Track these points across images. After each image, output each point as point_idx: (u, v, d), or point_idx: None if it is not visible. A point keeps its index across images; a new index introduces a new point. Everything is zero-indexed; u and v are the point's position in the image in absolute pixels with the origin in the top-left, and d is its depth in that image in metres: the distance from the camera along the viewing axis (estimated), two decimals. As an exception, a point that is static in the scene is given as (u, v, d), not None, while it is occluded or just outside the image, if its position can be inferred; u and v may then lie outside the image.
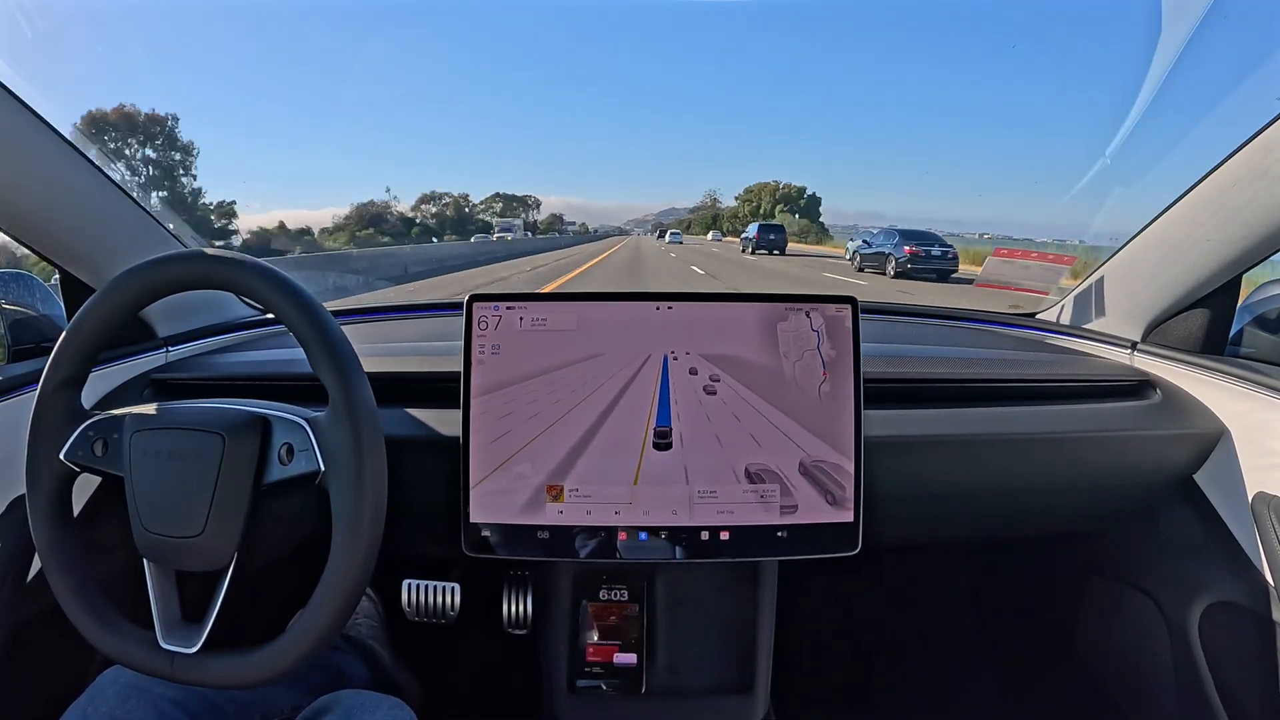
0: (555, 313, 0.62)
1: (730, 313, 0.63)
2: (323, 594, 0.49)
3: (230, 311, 0.97)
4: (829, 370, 0.63)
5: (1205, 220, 0.74)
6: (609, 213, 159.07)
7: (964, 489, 0.75)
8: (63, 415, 0.54)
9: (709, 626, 0.77)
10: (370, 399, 0.52)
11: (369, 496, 0.50)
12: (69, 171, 0.70)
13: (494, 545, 0.62)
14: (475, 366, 0.62)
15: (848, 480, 0.63)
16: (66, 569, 0.53)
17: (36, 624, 0.67)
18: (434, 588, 0.80)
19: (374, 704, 0.56)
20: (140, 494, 0.51)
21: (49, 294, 0.83)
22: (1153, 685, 0.86)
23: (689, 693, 0.76)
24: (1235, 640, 0.76)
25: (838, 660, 1.15)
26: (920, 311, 1.08)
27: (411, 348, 0.81)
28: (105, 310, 0.53)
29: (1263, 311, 0.86)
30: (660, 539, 0.62)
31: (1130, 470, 0.77)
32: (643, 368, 0.62)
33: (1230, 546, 0.74)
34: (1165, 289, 0.82)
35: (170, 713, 0.55)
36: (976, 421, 0.73)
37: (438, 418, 0.68)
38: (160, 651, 0.51)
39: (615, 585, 0.75)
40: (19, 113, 0.64)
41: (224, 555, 0.51)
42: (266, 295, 0.51)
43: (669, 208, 64.94)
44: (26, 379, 0.68)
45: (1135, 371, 0.84)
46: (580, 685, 0.73)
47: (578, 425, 0.62)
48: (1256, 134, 0.66)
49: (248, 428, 0.51)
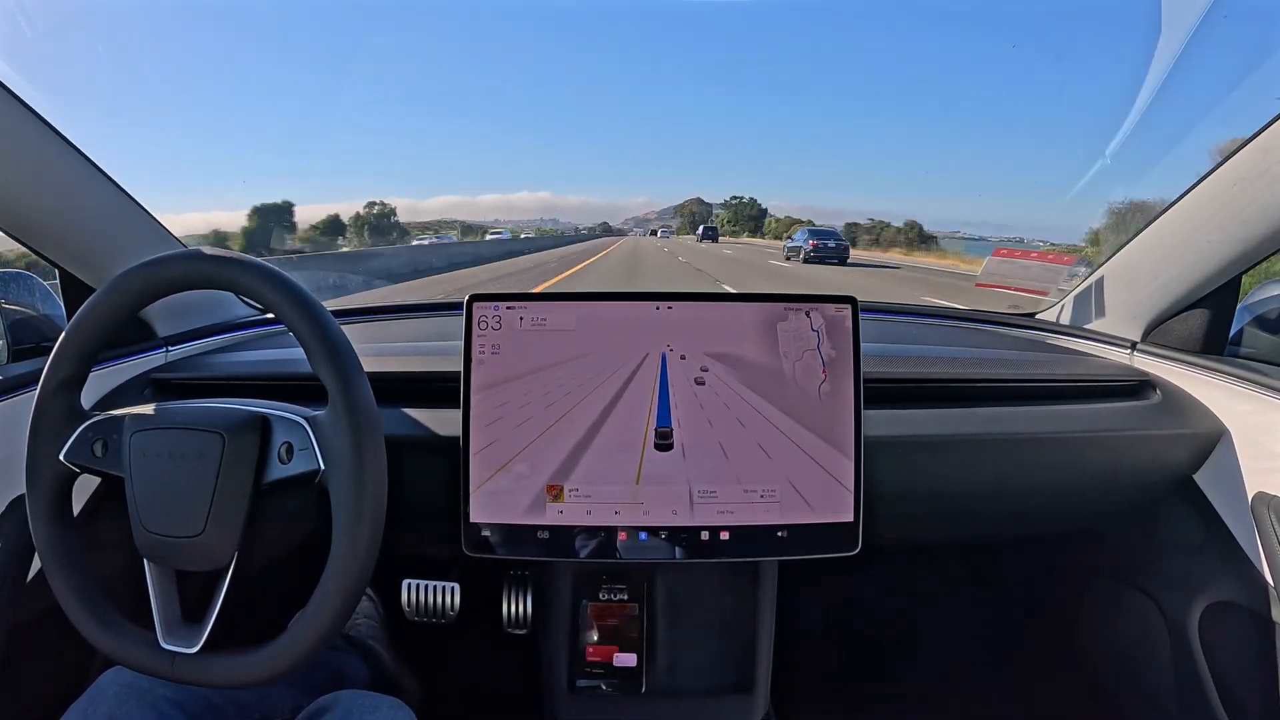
0: (555, 312, 0.62)
1: (730, 313, 0.63)
2: (323, 594, 0.49)
3: (230, 311, 0.97)
4: (829, 370, 0.63)
5: (1205, 220, 0.74)
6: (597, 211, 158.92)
7: (964, 489, 0.75)
8: (63, 416, 0.54)
9: (709, 626, 0.77)
10: (370, 398, 0.52)
11: (369, 495, 0.50)
12: (69, 171, 0.70)
13: (494, 545, 0.62)
14: (475, 366, 0.62)
15: (848, 480, 0.63)
16: (67, 569, 0.53)
17: (36, 624, 0.67)
18: (434, 588, 0.80)
19: (374, 704, 0.56)
20: (140, 494, 0.51)
21: (49, 294, 0.83)
22: (1153, 685, 0.86)
23: (689, 693, 0.76)
24: (1235, 640, 0.76)
25: (838, 660, 1.15)
26: (920, 311, 1.08)
27: (411, 347, 0.81)
28: (105, 310, 0.53)
29: (1263, 311, 0.86)
30: (660, 539, 0.62)
31: (1130, 470, 0.77)
32: (642, 367, 0.62)
33: (1230, 546, 0.74)
34: (1165, 289, 0.82)
35: (170, 713, 0.55)
36: (976, 421, 0.73)
37: (438, 418, 0.68)
38: (161, 651, 0.51)
39: (615, 585, 0.75)
40: (19, 113, 0.64)
41: (224, 555, 0.51)
42: (266, 295, 0.51)
43: (666, 206, 65.00)
44: (26, 379, 0.68)
45: (1135, 371, 0.84)
46: (580, 685, 0.73)
47: (578, 425, 0.62)
48: (1256, 134, 0.66)
49: (247, 427, 0.51)
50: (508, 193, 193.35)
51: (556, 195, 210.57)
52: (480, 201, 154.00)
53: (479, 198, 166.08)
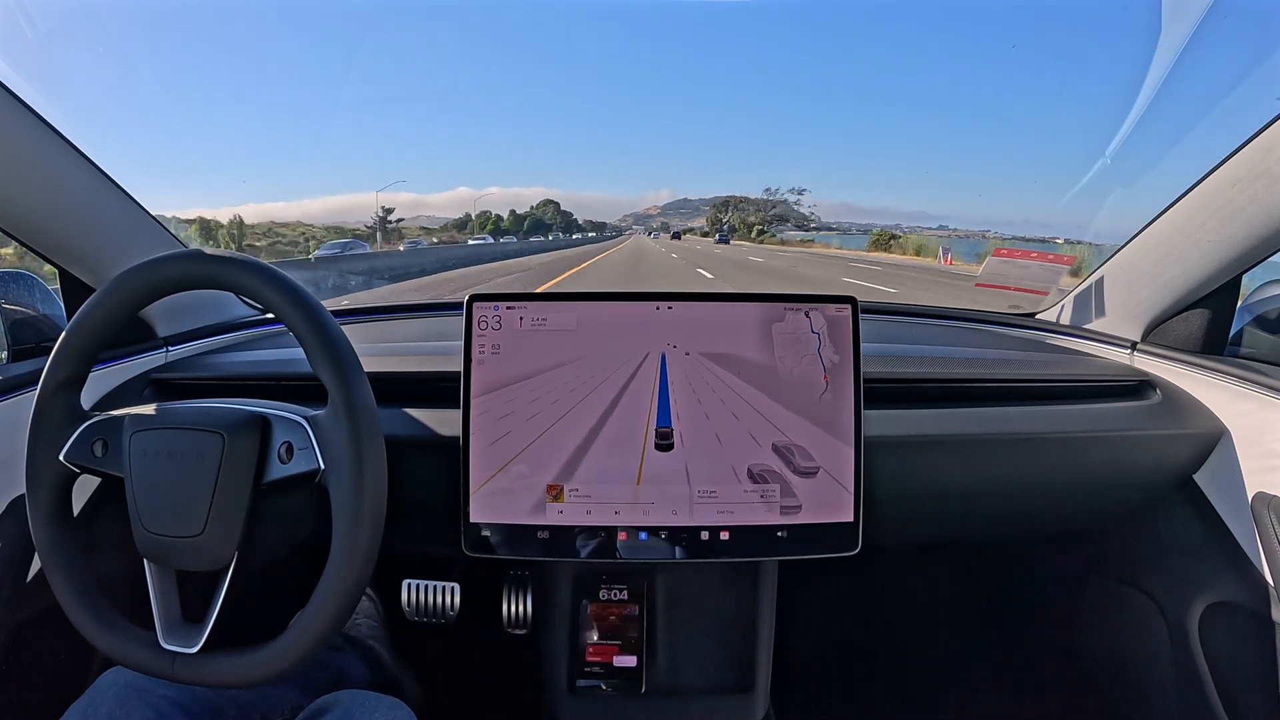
0: (555, 313, 0.62)
1: (730, 313, 0.63)
2: (323, 594, 0.49)
3: (230, 311, 0.97)
4: (829, 370, 0.63)
5: (1205, 220, 0.74)
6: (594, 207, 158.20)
7: (964, 489, 0.75)
8: (62, 416, 0.54)
9: (709, 626, 0.77)
10: (370, 398, 0.52)
11: (369, 495, 0.50)
12: (69, 171, 0.70)
13: (494, 545, 0.62)
14: (475, 366, 0.62)
15: (848, 480, 0.63)
16: (67, 569, 0.53)
17: (36, 624, 0.67)
18: (434, 588, 0.80)
19: (374, 704, 0.56)
20: (140, 494, 0.51)
21: (49, 294, 0.83)
22: (1153, 685, 0.86)
23: (689, 692, 0.76)
24: (1235, 640, 0.76)
25: (838, 660, 1.15)
26: (920, 311, 1.08)
27: (411, 348, 0.81)
28: (105, 310, 0.53)
29: (1263, 311, 0.86)
30: (660, 539, 0.62)
31: (1130, 470, 0.77)
32: (642, 368, 0.62)
33: (1230, 546, 0.74)
34: (1165, 289, 0.82)
35: (170, 713, 0.55)
36: (976, 421, 0.73)
37: (437, 418, 0.68)
38: (161, 652, 0.51)
39: (615, 585, 0.75)
40: (19, 113, 0.64)
41: (224, 555, 0.51)
42: (266, 295, 0.51)
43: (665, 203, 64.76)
44: (26, 379, 0.68)
45: (1135, 371, 0.84)
46: (580, 685, 0.73)
47: (578, 426, 0.62)
48: (1256, 134, 0.66)
49: (247, 426, 0.51)
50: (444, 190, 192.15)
51: (563, 191, 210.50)
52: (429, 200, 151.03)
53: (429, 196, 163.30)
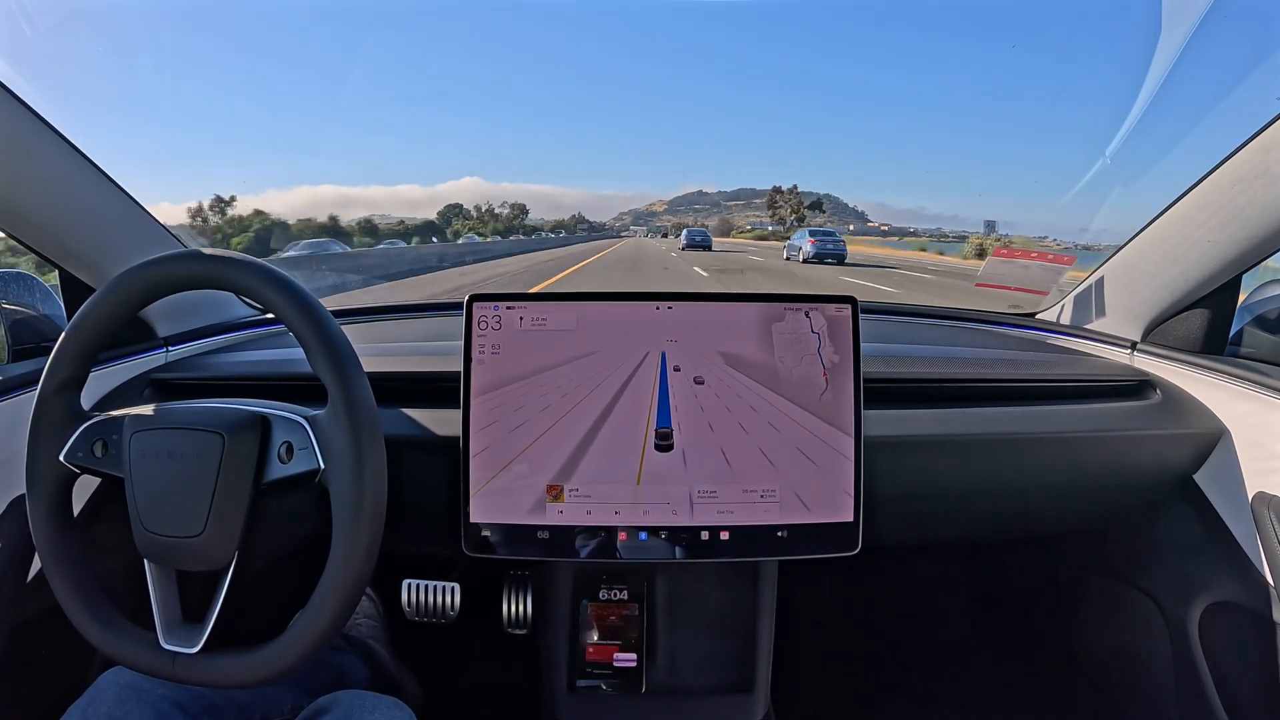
0: (555, 313, 0.62)
1: (730, 313, 0.63)
2: (323, 594, 0.49)
3: (230, 311, 0.97)
4: (829, 370, 0.63)
5: (1205, 220, 0.74)
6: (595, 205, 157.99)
7: (964, 489, 0.75)
8: (62, 416, 0.54)
9: (709, 626, 0.77)
10: (370, 398, 0.52)
11: (369, 494, 0.50)
12: (69, 171, 0.70)
13: (494, 545, 0.62)
14: (475, 366, 0.62)
15: (848, 480, 0.63)
16: (67, 570, 0.53)
17: (36, 624, 0.67)
18: (434, 588, 0.80)
19: (374, 704, 0.56)
20: (140, 494, 0.51)
21: (49, 294, 0.83)
22: (1153, 685, 0.86)
23: (689, 692, 0.76)
24: (1235, 640, 0.76)
25: (838, 660, 1.15)
26: (920, 311, 1.08)
27: (411, 348, 0.81)
28: (105, 310, 0.53)
29: (1263, 311, 0.86)
30: (660, 539, 0.62)
31: (1130, 470, 0.77)
32: (642, 368, 0.62)
33: (1230, 546, 0.74)
34: (1165, 289, 0.82)
35: (170, 713, 0.55)
36: (976, 421, 0.73)
37: (437, 418, 0.68)
38: (161, 652, 0.51)
39: (615, 585, 0.75)
40: (19, 113, 0.64)
41: (224, 555, 0.51)
42: (266, 295, 0.51)
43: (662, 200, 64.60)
44: (26, 379, 0.68)
45: (1135, 371, 0.84)
46: (580, 685, 0.73)
47: (578, 426, 0.62)
48: (1256, 134, 0.66)
49: (247, 426, 0.51)
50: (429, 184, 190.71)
51: (557, 188, 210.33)
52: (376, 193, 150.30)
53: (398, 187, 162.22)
